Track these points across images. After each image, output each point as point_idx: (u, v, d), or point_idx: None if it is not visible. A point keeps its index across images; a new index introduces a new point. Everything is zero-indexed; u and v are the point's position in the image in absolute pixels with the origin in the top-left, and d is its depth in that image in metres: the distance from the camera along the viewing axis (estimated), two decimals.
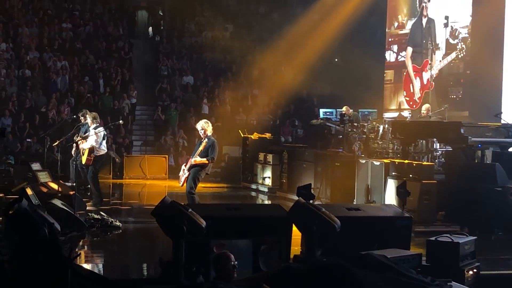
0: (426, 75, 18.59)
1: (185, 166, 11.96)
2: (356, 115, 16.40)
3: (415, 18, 19.65)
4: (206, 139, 11.85)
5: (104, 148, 14.46)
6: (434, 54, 18.38)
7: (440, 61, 18.53)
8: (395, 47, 20.60)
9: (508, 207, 11.38)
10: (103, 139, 14.40)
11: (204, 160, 11.76)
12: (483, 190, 11.58)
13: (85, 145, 14.06)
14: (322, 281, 5.89)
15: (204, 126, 12.04)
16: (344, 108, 16.59)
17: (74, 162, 14.38)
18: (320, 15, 22.46)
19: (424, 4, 19.15)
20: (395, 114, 19.97)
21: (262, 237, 7.66)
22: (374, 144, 14.29)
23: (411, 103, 19.51)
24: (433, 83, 17.82)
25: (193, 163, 11.81)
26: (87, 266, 8.59)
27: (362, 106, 17.44)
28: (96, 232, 11.11)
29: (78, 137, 14.41)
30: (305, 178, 15.13)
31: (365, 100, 18.93)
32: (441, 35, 18.44)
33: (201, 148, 11.82)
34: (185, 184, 11.93)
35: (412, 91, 19.54)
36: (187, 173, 11.84)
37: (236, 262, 6.51)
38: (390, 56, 20.83)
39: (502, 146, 13.10)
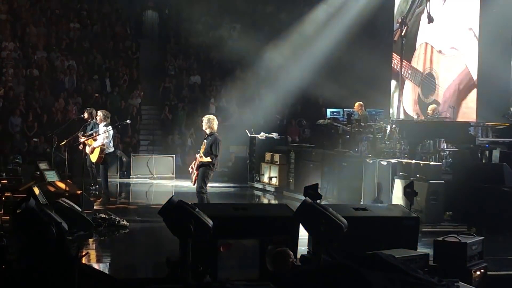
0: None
1: (194, 165, 12.03)
2: (366, 115, 16.39)
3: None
4: (209, 137, 11.94)
5: (112, 146, 14.65)
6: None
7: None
8: None
9: None
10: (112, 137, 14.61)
11: (208, 158, 11.83)
12: (491, 190, 11.57)
13: (95, 143, 14.19)
14: (329, 281, 5.89)
15: (210, 121, 12.12)
16: (356, 104, 16.56)
17: (93, 167, 14.54)
18: (327, 15, 22.43)
19: (427, 6, 19.08)
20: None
21: (269, 236, 7.66)
22: (381, 144, 14.28)
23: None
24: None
25: (199, 159, 11.88)
26: (94, 265, 8.61)
27: (369, 106, 17.40)
28: (103, 232, 11.14)
29: (83, 136, 14.44)
30: (312, 178, 15.11)
31: (372, 100, 18.88)
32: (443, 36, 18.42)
33: (203, 147, 11.90)
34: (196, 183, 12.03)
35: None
36: (196, 172, 11.91)
37: (295, 260, 6.54)
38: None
39: (510, 146, 13.07)
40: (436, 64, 18.73)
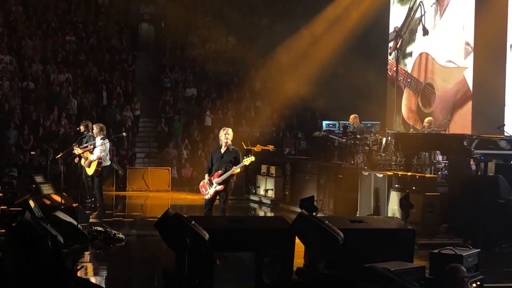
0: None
1: (213, 179, 11.72)
2: (361, 127, 16.43)
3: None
4: (230, 149, 11.87)
5: (108, 160, 14.60)
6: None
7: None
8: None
9: None
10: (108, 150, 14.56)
11: (238, 169, 11.77)
12: (486, 202, 11.56)
13: (92, 156, 14.13)
14: None
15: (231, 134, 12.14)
16: (352, 116, 16.59)
17: (88, 179, 14.49)
18: (323, 27, 22.52)
19: (422, 19, 19.17)
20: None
21: (265, 249, 7.64)
22: (377, 156, 14.31)
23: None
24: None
25: (234, 172, 11.67)
26: (90, 278, 8.58)
27: (365, 118, 17.43)
28: (99, 245, 11.12)
29: (77, 148, 14.38)
30: (308, 190, 15.13)
31: (367, 112, 18.93)
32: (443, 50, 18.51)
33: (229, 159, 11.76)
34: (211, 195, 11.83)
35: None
36: (218, 187, 11.70)
37: (468, 276, 6.39)
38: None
39: (506, 159, 13.08)
40: (434, 75, 18.83)
